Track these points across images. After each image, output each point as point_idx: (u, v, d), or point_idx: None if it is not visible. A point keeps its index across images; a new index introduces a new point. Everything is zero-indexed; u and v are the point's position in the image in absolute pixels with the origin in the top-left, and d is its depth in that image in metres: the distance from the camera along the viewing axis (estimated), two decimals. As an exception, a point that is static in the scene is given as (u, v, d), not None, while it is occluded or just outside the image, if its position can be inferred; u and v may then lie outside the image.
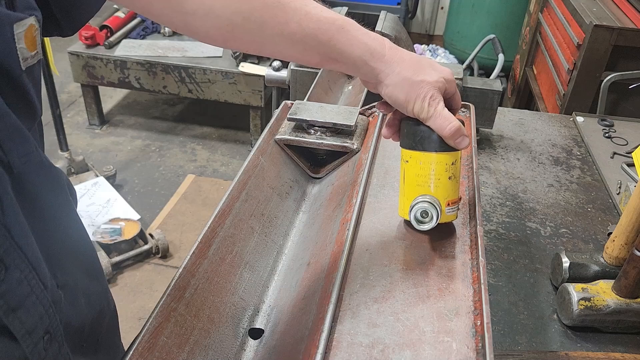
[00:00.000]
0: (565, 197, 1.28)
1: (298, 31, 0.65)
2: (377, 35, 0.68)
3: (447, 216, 0.71)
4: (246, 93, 2.99)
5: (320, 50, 0.67)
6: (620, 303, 0.88)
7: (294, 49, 0.67)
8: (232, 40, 0.67)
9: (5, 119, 0.45)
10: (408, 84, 0.66)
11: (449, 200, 0.70)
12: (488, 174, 1.35)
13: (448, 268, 0.69)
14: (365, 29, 0.68)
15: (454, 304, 0.63)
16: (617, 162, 1.41)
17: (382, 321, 0.61)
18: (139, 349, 0.57)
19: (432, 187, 0.69)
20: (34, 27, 0.48)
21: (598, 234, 1.16)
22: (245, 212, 0.84)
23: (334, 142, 1.00)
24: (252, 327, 0.74)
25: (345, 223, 0.76)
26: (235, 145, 3.29)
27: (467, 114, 1.06)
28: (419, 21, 4.90)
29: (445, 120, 0.66)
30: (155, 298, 0.68)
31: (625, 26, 1.90)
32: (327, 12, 0.67)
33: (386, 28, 1.35)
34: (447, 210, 0.70)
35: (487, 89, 1.40)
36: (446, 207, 0.70)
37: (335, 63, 0.68)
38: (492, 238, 1.14)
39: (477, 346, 0.58)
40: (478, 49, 3.03)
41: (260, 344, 0.72)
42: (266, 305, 0.78)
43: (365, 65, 0.67)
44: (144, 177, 2.93)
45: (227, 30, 0.64)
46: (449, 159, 0.68)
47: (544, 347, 0.90)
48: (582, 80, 1.99)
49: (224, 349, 0.68)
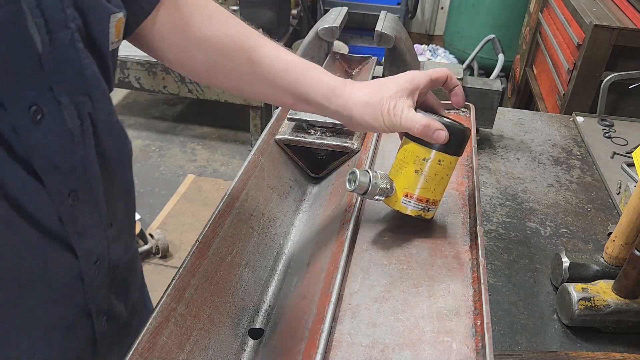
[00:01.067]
0: (565, 197, 1.28)
1: (269, 72, 0.73)
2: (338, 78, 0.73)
3: (401, 206, 0.71)
4: (246, 93, 2.99)
5: (290, 90, 0.74)
6: (621, 303, 0.88)
7: (267, 89, 0.75)
8: (215, 77, 0.77)
9: (98, 84, 0.58)
10: (370, 107, 0.69)
11: (407, 192, 0.71)
12: (488, 174, 1.35)
13: (448, 268, 0.69)
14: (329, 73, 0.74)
15: (454, 304, 0.63)
16: (617, 162, 1.41)
17: (382, 321, 0.61)
18: (138, 349, 0.57)
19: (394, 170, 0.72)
20: (122, 20, 0.61)
21: (598, 234, 1.16)
22: (245, 212, 0.84)
23: (334, 142, 1.01)
24: (252, 327, 0.74)
25: (345, 223, 0.76)
26: (235, 145, 3.29)
27: (467, 114, 1.06)
28: (419, 21, 4.90)
29: (412, 122, 0.67)
30: (155, 298, 0.68)
31: (625, 26, 1.90)
32: (296, 58, 0.74)
33: (386, 28, 1.35)
34: (403, 201, 0.71)
35: (487, 89, 1.40)
36: (402, 197, 0.71)
37: (306, 105, 0.74)
38: (492, 238, 1.14)
39: (477, 346, 0.58)
40: (478, 49, 3.04)
41: (260, 344, 0.72)
42: (266, 305, 0.78)
43: (330, 103, 0.72)
44: (144, 177, 2.93)
45: (210, 67, 0.75)
46: (420, 152, 0.69)
47: (544, 347, 0.90)
48: (582, 80, 1.99)
49: (224, 349, 0.68)
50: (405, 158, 0.71)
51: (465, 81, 1.40)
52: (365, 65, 1.37)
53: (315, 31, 1.34)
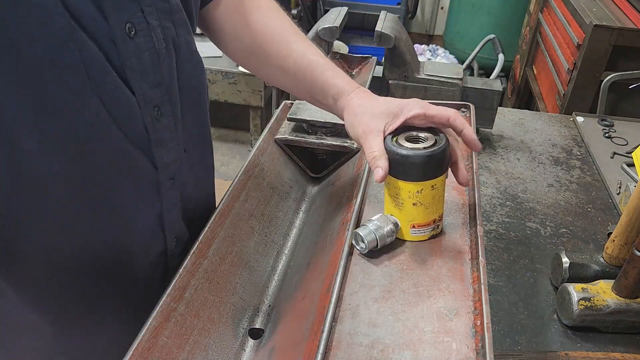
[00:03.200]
0: (565, 197, 1.28)
1: (292, 67, 0.80)
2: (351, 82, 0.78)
3: (411, 237, 0.73)
4: (246, 93, 2.99)
5: (306, 88, 0.81)
6: (620, 303, 0.88)
7: (289, 81, 0.83)
8: (248, 64, 0.87)
9: (180, 13, 0.67)
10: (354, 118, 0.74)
11: (413, 224, 0.72)
12: (488, 174, 1.35)
13: (448, 268, 0.69)
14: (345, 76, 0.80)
15: (454, 304, 0.63)
16: (617, 162, 1.41)
17: (382, 321, 0.61)
18: (138, 349, 0.57)
19: (390, 206, 0.73)
20: None
21: (598, 234, 1.16)
22: (245, 212, 0.84)
23: (334, 142, 1.01)
24: (252, 327, 0.74)
25: (345, 223, 0.76)
26: (235, 145, 3.29)
27: (467, 114, 1.06)
28: (419, 21, 4.90)
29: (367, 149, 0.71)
30: (155, 298, 0.68)
31: (625, 26, 1.90)
32: (320, 58, 0.81)
33: (386, 28, 1.35)
34: (413, 232, 0.72)
35: (487, 89, 1.40)
36: (411, 229, 0.72)
37: (319, 103, 0.82)
38: (492, 238, 1.14)
39: (477, 346, 0.58)
40: (478, 49, 3.03)
41: (260, 344, 0.72)
42: (266, 305, 0.78)
43: (336, 105, 0.78)
44: (144, 177, 2.92)
45: (246, 54, 0.85)
46: (411, 188, 0.69)
47: (544, 347, 0.90)
48: (582, 80, 1.99)
49: (224, 349, 0.68)
50: (398, 195, 0.71)
51: (465, 81, 1.40)
52: (365, 65, 1.37)
53: (315, 31, 1.34)
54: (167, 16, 0.65)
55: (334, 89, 0.77)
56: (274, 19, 0.84)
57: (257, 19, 0.82)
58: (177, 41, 0.67)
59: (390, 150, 0.68)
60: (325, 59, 0.81)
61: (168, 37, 0.65)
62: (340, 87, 0.77)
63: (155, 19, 0.63)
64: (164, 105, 0.66)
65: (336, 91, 0.77)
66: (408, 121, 0.70)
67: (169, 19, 0.65)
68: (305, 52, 0.80)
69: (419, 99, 0.73)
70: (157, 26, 0.63)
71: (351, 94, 0.76)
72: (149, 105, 0.64)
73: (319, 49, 0.83)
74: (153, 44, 0.63)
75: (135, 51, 0.61)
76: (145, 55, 0.62)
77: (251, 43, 0.82)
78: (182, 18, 0.68)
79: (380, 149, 0.69)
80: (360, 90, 0.76)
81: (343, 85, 0.77)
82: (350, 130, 0.75)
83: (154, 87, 0.64)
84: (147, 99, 0.64)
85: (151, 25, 0.62)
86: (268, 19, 0.83)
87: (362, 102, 0.74)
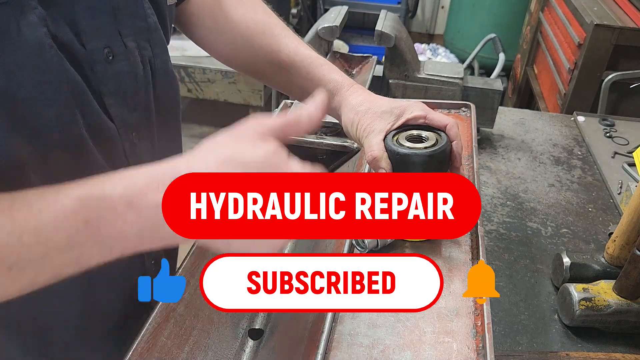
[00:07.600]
0: (566, 197, 1.28)
1: (285, 61, 0.78)
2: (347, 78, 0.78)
3: None
4: (246, 92, 2.99)
5: (300, 83, 0.78)
6: (622, 303, 0.88)
7: (280, 76, 0.80)
8: (234, 59, 0.83)
9: (157, 32, 0.66)
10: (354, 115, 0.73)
11: None
12: (489, 174, 1.35)
13: (448, 268, 0.68)
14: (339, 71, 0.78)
15: (455, 304, 0.63)
16: (618, 161, 1.41)
17: (382, 321, 0.61)
18: (138, 349, 0.57)
19: None
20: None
21: (599, 234, 1.16)
22: (245, 211, 0.84)
23: (334, 141, 1.00)
24: (252, 327, 0.74)
25: (345, 223, 0.76)
26: (236, 144, 3.29)
27: (468, 114, 1.06)
28: (420, 20, 4.89)
29: (367, 148, 0.71)
30: (155, 298, 0.68)
31: (627, 26, 1.89)
32: (313, 53, 0.79)
33: (386, 27, 1.35)
34: None
35: (488, 88, 1.40)
36: None
37: None
38: (493, 238, 1.14)
39: (477, 347, 0.57)
40: (479, 48, 3.03)
41: (260, 344, 0.71)
42: (266, 306, 0.77)
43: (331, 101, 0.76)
44: (144, 177, 2.92)
45: (231, 49, 0.81)
46: None
47: (544, 348, 0.90)
48: (583, 80, 1.99)
49: (224, 349, 0.68)
50: None
51: (465, 80, 1.40)
52: (366, 65, 1.37)
53: (315, 30, 1.33)
54: (144, 36, 0.64)
55: (331, 84, 0.76)
56: (260, 13, 0.81)
57: (242, 12, 0.79)
58: (154, 62, 0.66)
59: (391, 149, 0.68)
60: (317, 54, 0.79)
61: (145, 58, 0.64)
62: (338, 83, 0.76)
63: (132, 41, 0.61)
64: (142, 129, 0.66)
65: (333, 86, 0.76)
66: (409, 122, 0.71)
67: (146, 39, 0.64)
68: (297, 46, 0.79)
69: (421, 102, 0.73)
70: (134, 48, 0.62)
71: (349, 89, 0.75)
72: (128, 131, 0.63)
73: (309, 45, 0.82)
74: (131, 67, 0.62)
75: (114, 75, 0.60)
76: (124, 79, 0.61)
77: (236, 37, 0.79)
78: (159, 37, 0.67)
79: (381, 148, 0.69)
80: (358, 87, 0.76)
81: (342, 81, 0.76)
82: (350, 128, 0.74)
83: (133, 111, 0.63)
84: (126, 123, 0.63)
85: (129, 48, 0.61)
86: (254, 14, 0.80)
87: (364, 100, 0.73)
